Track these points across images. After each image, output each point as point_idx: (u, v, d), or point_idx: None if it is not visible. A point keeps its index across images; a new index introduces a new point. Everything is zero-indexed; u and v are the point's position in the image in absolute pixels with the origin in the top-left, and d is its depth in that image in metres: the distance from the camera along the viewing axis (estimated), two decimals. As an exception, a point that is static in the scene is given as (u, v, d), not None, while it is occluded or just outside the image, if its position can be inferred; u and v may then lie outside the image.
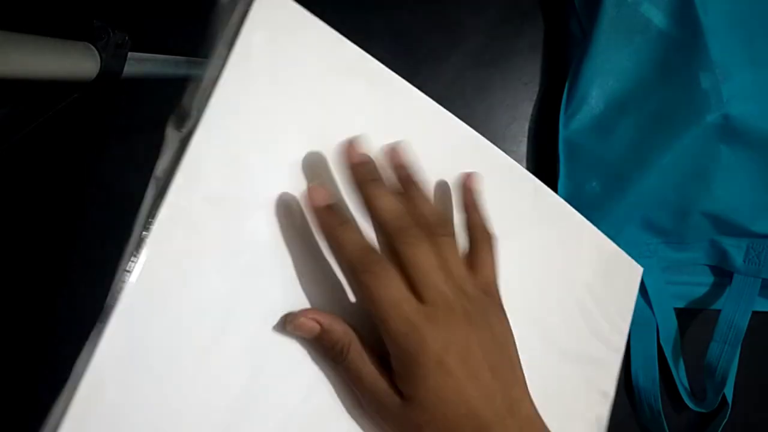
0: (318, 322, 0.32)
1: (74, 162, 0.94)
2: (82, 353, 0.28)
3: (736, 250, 0.69)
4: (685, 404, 0.71)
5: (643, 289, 0.73)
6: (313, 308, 0.33)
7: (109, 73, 0.45)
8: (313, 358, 0.33)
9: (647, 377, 0.72)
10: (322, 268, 0.34)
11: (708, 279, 0.74)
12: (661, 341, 0.72)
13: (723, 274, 0.72)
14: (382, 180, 0.34)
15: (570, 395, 0.44)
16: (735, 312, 0.67)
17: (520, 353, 0.35)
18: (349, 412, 0.33)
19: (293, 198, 0.33)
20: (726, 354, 0.67)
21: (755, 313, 0.68)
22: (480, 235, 0.39)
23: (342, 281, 0.35)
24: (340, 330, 0.32)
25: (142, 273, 0.28)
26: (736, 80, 0.56)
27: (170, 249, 0.29)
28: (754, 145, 0.58)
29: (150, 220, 0.30)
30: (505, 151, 0.57)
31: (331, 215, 0.32)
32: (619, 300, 0.53)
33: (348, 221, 0.33)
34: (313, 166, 0.34)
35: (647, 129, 0.61)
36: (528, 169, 0.75)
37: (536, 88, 0.75)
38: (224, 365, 0.30)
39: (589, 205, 0.65)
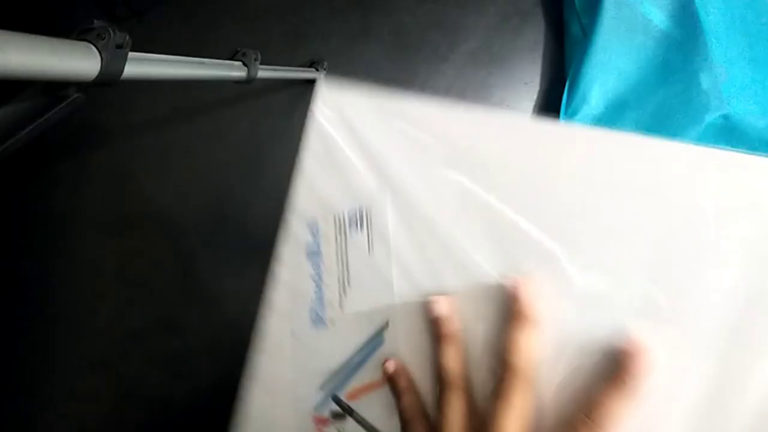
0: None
1: (74, 161, 0.94)
2: None
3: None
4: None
5: None
6: None
7: (110, 73, 0.45)
8: None
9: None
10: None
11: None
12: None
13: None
14: None
15: None
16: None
17: None
18: None
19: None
20: None
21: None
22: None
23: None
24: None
25: None
26: (736, 80, 0.56)
27: None
28: (754, 145, 0.58)
29: None
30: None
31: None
32: None
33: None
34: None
35: (647, 129, 0.61)
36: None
37: (536, 88, 0.75)
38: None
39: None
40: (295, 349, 0.40)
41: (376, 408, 0.37)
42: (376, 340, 0.38)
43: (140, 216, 0.90)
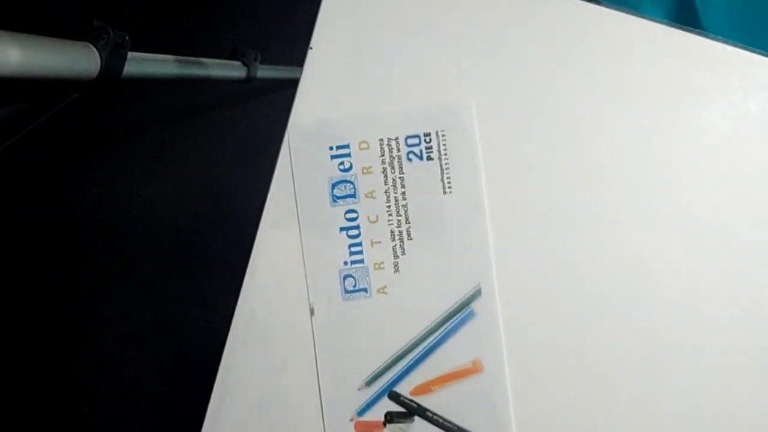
0: None
1: (74, 161, 0.94)
2: None
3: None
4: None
5: None
6: None
7: (109, 73, 0.45)
8: None
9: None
10: None
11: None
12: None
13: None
14: None
15: None
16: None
17: None
18: None
19: None
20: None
21: None
22: None
23: None
24: None
25: None
26: (736, 80, 0.56)
27: None
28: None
29: None
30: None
31: None
32: None
33: None
34: None
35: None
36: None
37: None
38: None
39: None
40: (318, 333, 0.29)
41: (458, 402, 0.27)
42: (461, 313, 0.28)
43: (140, 216, 0.90)
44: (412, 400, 0.28)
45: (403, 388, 0.28)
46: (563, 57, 0.28)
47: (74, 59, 0.42)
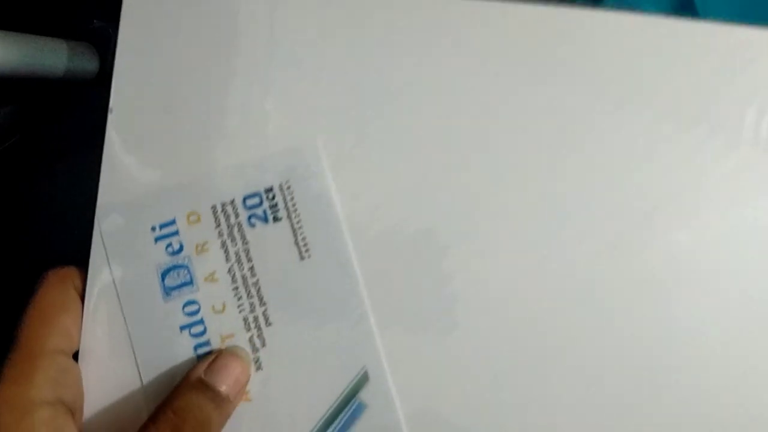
0: None
1: (74, 161, 0.94)
2: None
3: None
4: None
5: None
6: None
7: (109, 73, 0.45)
8: None
9: None
10: None
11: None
12: None
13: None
14: None
15: None
16: None
17: None
18: None
19: None
20: None
21: None
22: None
23: None
24: None
25: None
26: (736, 80, 0.56)
27: None
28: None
29: None
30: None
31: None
32: None
33: None
34: None
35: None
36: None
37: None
38: None
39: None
40: None
41: None
42: (349, 406, 0.21)
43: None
44: None
45: None
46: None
47: (74, 59, 0.42)
